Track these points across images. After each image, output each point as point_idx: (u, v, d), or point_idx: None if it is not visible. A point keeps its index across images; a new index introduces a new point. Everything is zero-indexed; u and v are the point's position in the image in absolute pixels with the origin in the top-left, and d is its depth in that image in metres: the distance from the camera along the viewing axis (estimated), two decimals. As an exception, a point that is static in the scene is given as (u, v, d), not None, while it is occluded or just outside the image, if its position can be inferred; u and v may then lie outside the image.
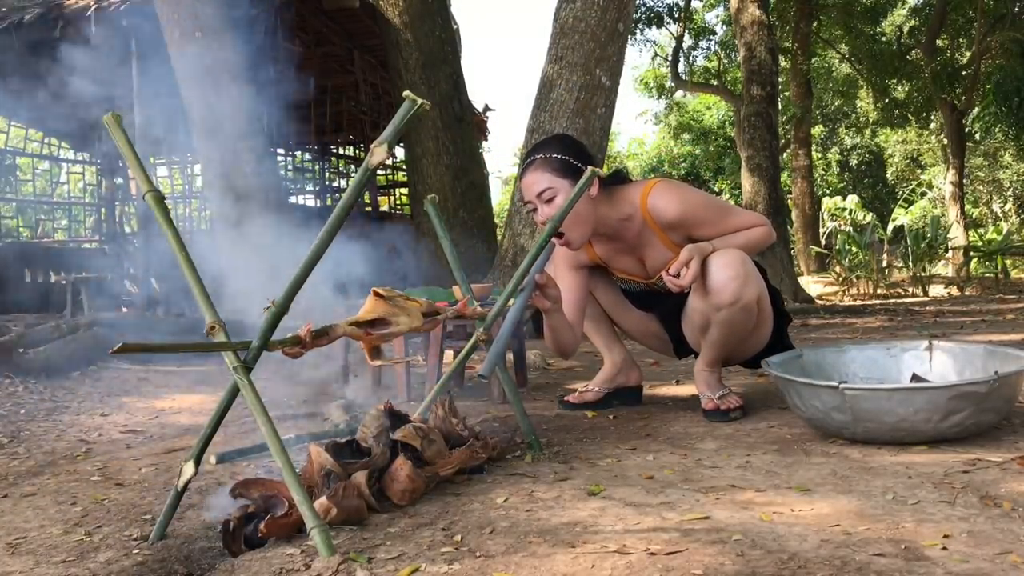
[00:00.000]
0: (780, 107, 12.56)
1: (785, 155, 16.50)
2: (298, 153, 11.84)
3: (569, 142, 2.37)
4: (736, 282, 2.17)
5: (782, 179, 13.23)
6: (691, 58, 19.51)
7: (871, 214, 17.53)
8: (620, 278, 2.51)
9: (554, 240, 2.29)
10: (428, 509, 1.56)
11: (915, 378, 2.23)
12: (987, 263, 12.94)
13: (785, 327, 2.51)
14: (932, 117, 18.78)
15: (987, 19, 15.45)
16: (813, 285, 12.55)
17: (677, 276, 2.13)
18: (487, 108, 11.45)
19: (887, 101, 17.97)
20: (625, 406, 2.62)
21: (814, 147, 20.76)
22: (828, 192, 22.26)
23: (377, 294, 1.69)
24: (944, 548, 1.25)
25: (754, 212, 2.47)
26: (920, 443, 1.89)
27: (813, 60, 18.25)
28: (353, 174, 12.50)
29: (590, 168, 2.05)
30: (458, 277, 2.14)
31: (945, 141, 17.92)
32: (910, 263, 12.53)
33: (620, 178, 2.40)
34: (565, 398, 2.67)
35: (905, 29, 18.05)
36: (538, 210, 2.29)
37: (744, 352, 2.43)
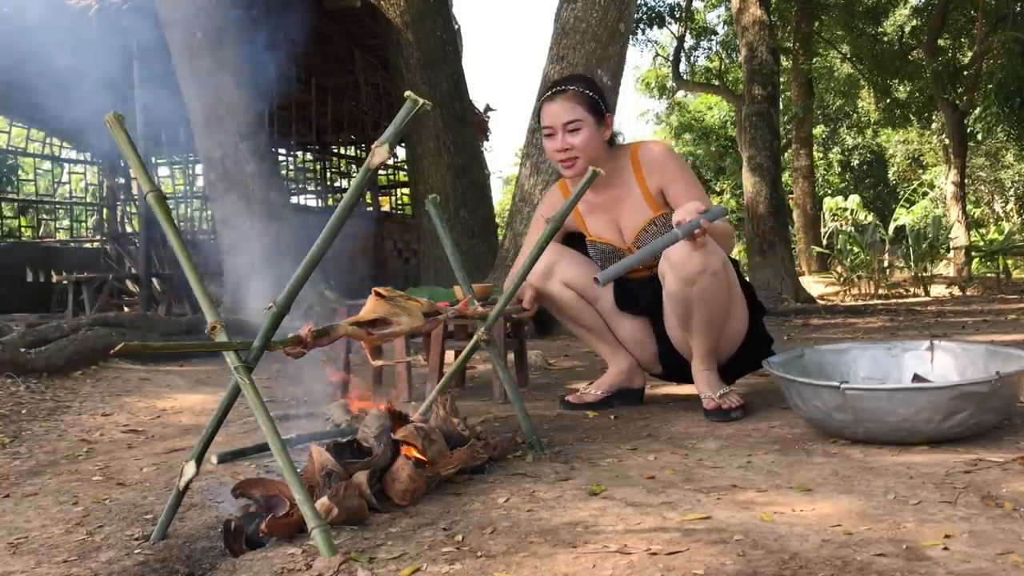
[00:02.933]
0: (781, 107, 12.54)
1: (786, 155, 16.51)
2: (299, 153, 11.85)
3: (597, 86, 2.50)
4: (699, 251, 2.20)
5: (783, 179, 13.23)
6: (692, 58, 19.55)
7: (872, 214, 17.56)
8: (592, 241, 2.56)
9: (559, 161, 2.41)
10: (429, 509, 1.57)
11: (916, 378, 2.23)
12: (989, 263, 12.92)
13: (760, 318, 2.54)
14: (934, 117, 18.76)
15: (988, 19, 15.42)
16: (814, 285, 12.53)
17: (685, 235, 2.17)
18: (488, 108, 11.43)
19: (888, 101, 17.95)
20: (626, 406, 2.62)
21: (815, 147, 20.77)
22: (829, 192, 22.28)
23: (378, 294, 1.69)
24: (945, 548, 1.25)
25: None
26: (921, 443, 1.89)
27: (814, 60, 18.25)
28: (354, 174, 12.49)
29: (591, 169, 2.08)
30: (459, 277, 2.14)
31: (947, 141, 17.89)
32: (911, 263, 12.51)
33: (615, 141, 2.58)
34: (566, 398, 2.67)
35: (906, 29, 18.04)
36: (556, 137, 2.39)
37: (727, 340, 2.44)
